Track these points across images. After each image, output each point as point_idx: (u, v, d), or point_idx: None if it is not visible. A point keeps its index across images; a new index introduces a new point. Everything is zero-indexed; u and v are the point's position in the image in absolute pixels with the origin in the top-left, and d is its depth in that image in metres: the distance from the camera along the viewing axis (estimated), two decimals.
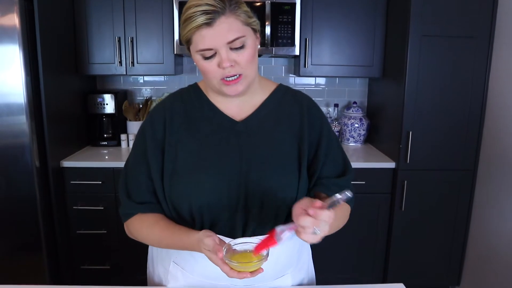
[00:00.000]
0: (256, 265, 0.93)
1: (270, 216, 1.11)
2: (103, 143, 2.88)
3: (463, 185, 2.58)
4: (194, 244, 1.00)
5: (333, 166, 1.16)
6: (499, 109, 2.38)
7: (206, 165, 1.09)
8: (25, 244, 2.42)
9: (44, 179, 2.40)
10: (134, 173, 1.13)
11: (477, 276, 2.58)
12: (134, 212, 1.13)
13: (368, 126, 2.98)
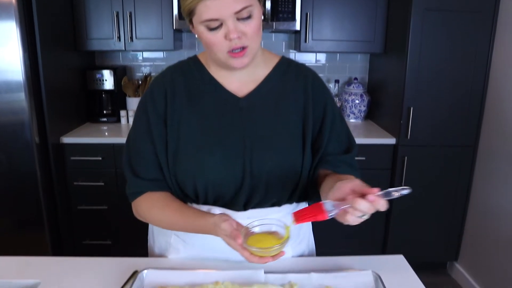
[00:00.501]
0: (278, 248, 0.91)
1: (274, 193, 1.11)
2: (102, 119, 2.87)
3: (464, 161, 2.58)
4: (210, 228, 0.99)
5: (337, 142, 1.14)
6: (501, 85, 2.36)
7: (209, 143, 1.07)
8: (27, 220, 2.45)
9: (44, 155, 2.40)
10: (139, 150, 1.11)
11: (475, 252, 2.61)
12: (144, 190, 1.10)
13: (369, 102, 2.97)
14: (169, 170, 1.09)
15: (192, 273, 1.06)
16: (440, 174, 2.58)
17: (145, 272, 1.06)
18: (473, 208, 2.64)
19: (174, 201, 1.10)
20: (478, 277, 2.58)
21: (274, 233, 0.97)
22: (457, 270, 2.76)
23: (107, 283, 1.06)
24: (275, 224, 0.97)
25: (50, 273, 1.11)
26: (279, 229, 0.96)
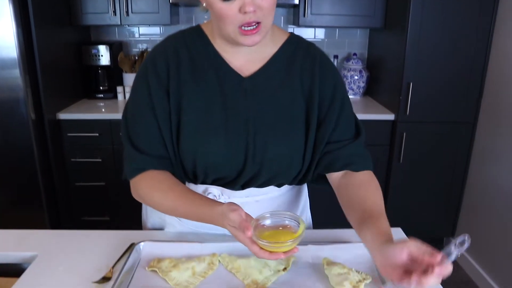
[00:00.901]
0: (290, 245, 0.85)
1: (276, 178, 1.09)
2: (99, 95, 2.84)
3: (462, 138, 2.57)
4: (216, 218, 0.91)
5: (346, 128, 1.08)
6: (502, 61, 2.34)
7: (212, 125, 1.02)
8: (25, 197, 2.45)
9: (41, 132, 2.39)
10: (140, 124, 1.03)
11: (472, 228, 2.62)
12: (147, 168, 1.02)
13: (368, 78, 2.94)
14: (173, 146, 1.03)
15: (189, 245, 1.06)
16: (438, 150, 2.58)
17: (141, 245, 1.06)
18: (470, 185, 2.64)
19: (178, 184, 1.03)
20: (474, 253, 2.60)
21: (286, 227, 0.90)
22: None
23: (104, 256, 1.06)
24: (288, 217, 0.91)
25: (47, 245, 1.11)
26: (292, 223, 0.90)
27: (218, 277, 0.97)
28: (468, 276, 2.61)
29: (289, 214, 0.92)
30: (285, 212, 0.93)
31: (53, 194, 2.54)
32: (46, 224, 2.47)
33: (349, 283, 0.91)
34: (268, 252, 0.85)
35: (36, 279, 0.98)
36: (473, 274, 2.58)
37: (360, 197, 0.99)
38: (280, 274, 0.97)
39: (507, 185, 2.27)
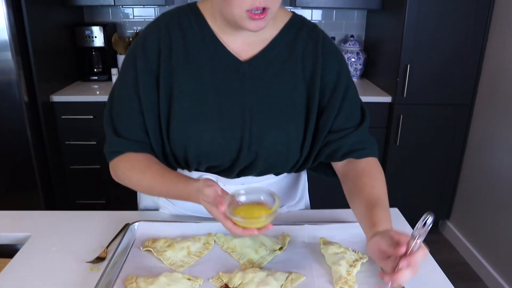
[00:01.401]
0: (264, 220, 0.83)
1: (272, 168, 1.06)
2: (93, 77, 2.81)
3: (459, 120, 2.56)
4: (192, 194, 0.90)
5: (349, 116, 1.04)
6: (500, 44, 2.31)
7: (206, 111, 0.97)
8: (20, 181, 2.43)
9: (34, 114, 2.36)
10: (124, 108, 0.99)
11: (467, 211, 2.63)
12: (123, 151, 1.00)
13: (365, 61, 2.91)
14: (160, 133, 1.00)
15: (184, 225, 1.05)
16: (435, 133, 2.57)
17: (136, 225, 1.05)
18: (467, 167, 2.64)
19: (155, 164, 0.99)
20: (469, 236, 2.62)
21: (262, 203, 0.89)
22: (449, 228, 2.80)
23: (98, 236, 1.05)
24: (264, 193, 0.89)
25: (41, 226, 1.10)
26: (268, 199, 0.88)
27: (213, 257, 0.96)
28: (463, 258, 2.63)
29: (265, 190, 0.89)
30: (260, 188, 0.90)
31: (48, 177, 2.52)
32: (41, 208, 2.46)
33: (346, 262, 0.91)
34: (241, 228, 0.83)
35: (29, 259, 0.97)
36: (468, 256, 2.59)
37: (359, 186, 0.97)
38: (276, 253, 0.96)
39: (503, 168, 2.27)
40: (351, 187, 0.99)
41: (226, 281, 0.87)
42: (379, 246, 0.77)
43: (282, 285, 0.85)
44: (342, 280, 0.87)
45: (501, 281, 2.27)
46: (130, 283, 0.86)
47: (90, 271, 0.93)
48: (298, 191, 1.22)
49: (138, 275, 0.88)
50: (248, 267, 0.91)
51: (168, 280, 0.85)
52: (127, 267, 0.92)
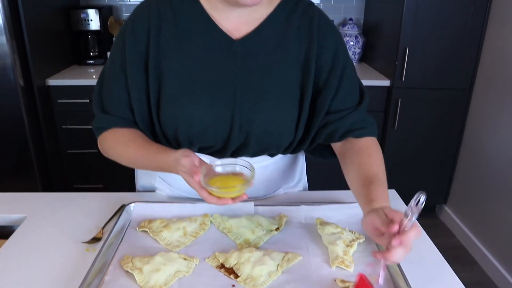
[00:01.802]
0: (238, 190, 0.84)
1: (266, 149, 1.05)
2: (89, 61, 2.78)
3: (458, 105, 2.55)
4: (171, 165, 0.90)
5: (348, 96, 1.02)
6: (499, 28, 2.29)
7: (196, 91, 0.96)
8: (17, 166, 2.42)
9: (30, 98, 2.34)
10: (111, 86, 1.01)
11: (464, 195, 2.64)
12: (108, 127, 1.01)
13: (364, 44, 2.88)
14: (150, 113, 0.99)
15: (180, 206, 1.04)
16: (433, 117, 2.56)
17: (132, 206, 1.04)
18: (464, 152, 2.64)
19: (139, 137, 1.00)
20: (465, 220, 2.63)
21: (239, 174, 0.89)
22: (446, 212, 2.81)
23: (94, 217, 1.05)
24: (239, 164, 0.89)
25: (36, 207, 1.09)
26: (245, 171, 0.89)
27: (209, 237, 0.96)
28: (459, 242, 2.64)
29: (241, 161, 0.89)
30: (237, 160, 0.91)
31: (45, 162, 2.51)
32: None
33: (342, 242, 0.90)
34: (216, 197, 0.84)
35: (24, 240, 0.97)
36: (464, 240, 2.61)
37: (357, 164, 0.96)
38: (272, 234, 0.96)
39: (501, 153, 2.26)
40: (349, 166, 0.99)
41: (222, 261, 0.87)
42: (373, 223, 0.77)
43: (278, 265, 0.85)
44: (339, 260, 0.86)
45: (497, 264, 2.29)
46: (126, 263, 0.86)
47: (86, 251, 0.92)
48: (296, 173, 1.21)
49: (134, 255, 0.88)
50: (245, 247, 0.90)
51: (164, 259, 0.84)
52: (123, 247, 0.92)
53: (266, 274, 0.83)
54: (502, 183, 2.25)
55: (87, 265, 0.84)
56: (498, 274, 2.28)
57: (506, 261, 2.24)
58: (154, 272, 0.82)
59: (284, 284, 0.82)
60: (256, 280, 0.81)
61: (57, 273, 0.86)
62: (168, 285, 0.81)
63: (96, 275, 0.82)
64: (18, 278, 0.85)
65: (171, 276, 0.82)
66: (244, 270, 0.83)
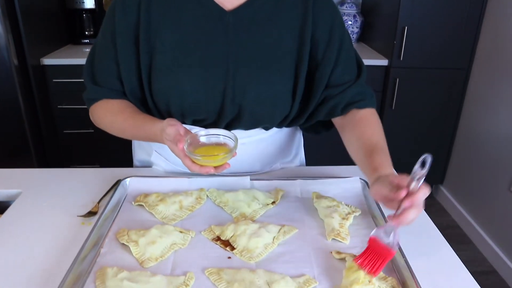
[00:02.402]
0: (221, 159, 0.85)
1: (260, 122, 1.04)
2: (84, 41, 2.74)
3: (456, 85, 2.54)
4: (157, 134, 0.91)
5: (345, 71, 1.01)
6: (498, 8, 2.27)
7: (187, 63, 0.95)
8: (13, 147, 2.40)
9: (25, 78, 2.31)
10: (101, 57, 1.01)
11: (461, 175, 2.64)
12: (99, 98, 1.03)
13: (362, 24, 2.85)
14: (141, 86, 0.99)
15: (176, 180, 1.04)
16: (431, 96, 2.55)
17: (128, 180, 1.04)
18: (461, 132, 2.64)
19: (129, 107, 1.01)
20: (461, 200, 2.64)
21: (223, 145, 0.89)
22: (442, 193, 2.82)
23: (90, 192, 1.04)
24: (223, 135, 0.90)
25: (32, 183, 1.09)
26: (229, 142, 0.89)
27: (206, 211, 0.96)
28: (455, 222, 2.66)
29: (225, 132, 0.90)
30: (221, 130, 0.91)
31: (41, 142, 2.49)
32: None
33: (338, 215, 0.90)
34: (199, 165, 0.85)
35: (20, 214, 0.96)
36: (460, 220, 2.63)
37: (357, 134, 0.97)
38: (268, 207, 0.96)
39: (498, 133, 2.26)
40: (350, 137, 0.99)
41: (218, 234, 0.87)
42: (381, 192, 0.78)
43: (274, 237, 0.85)
44: (335, 232, 0.87)
45: (491, 242, 2.31)
46: (121, 235, 0.86)
47: (82, 225, 0.92)
48: (293, 148, 1.20)
49: (130, 228, 0.88)
50: (241, 220, 0.90)
51: (160, 232, 0.84)
52: (119, 221, 0.92)
53: (262, 246, 0.83)
54: (498, 164, 2.26)
55: (83, 238, 0.83)
56: (492, 252, 2.30)
57: (500, 239, 2.26)
58: (150, 244, 0.82)
59: (280, 256, 0.82)
60: (252, 252, 0.81)
61: (53, 246, 0.86)
62: (164, 257, 0.81)
63: (91, 248, 0.82)
64: (13, 251, 0.84)
65: (167, 249, 0.82)
66: (240, 242, 0.83)
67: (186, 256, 0.82)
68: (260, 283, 0.73)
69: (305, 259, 0.81)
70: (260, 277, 0.74)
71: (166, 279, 0.75)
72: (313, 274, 0.77)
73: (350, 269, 0.75)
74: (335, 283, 0.75)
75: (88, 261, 0.79)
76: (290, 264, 0.80)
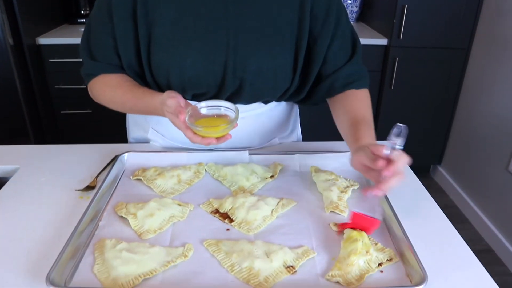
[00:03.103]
0: (223, 130, 0.85)
1: (260, 96, 1.04)
2: (80, 20, 2.71)
3: (455, 64, 2.52)
4: (158, 107, 0.90)
5: (341, 50, 1.01)
6: None
7: (187, 36, 0.94)
8: (11, 130, 2.39)
9: (21, 58, 2.29)
10: (98, 32, 0.99)
11: (459, 156, 2.65)
12: (97, 73, 1.02)
13: (361, 3, 2.82)
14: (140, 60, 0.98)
15: (174, 155, 1.04)
16: (430, 76, 2.53)
17: (126, 155, 1.03)
18: (460, 113, 2.63)
19: (128, 81, 1.01)
20: (459, 180, 2.65)
21: (224, 116, 0.89)
22: (440, 173, 2.83)
23: (88, 168, 1.04)
24: (224, 106, 0.89)
25: (30, 159, 1.09)
26: (229, 113, 0.88)
27: (204, 184, 0.96)
28: (452, 201, 2.67)
29: (226, 103, 0.89)
30: (222, 102, 0.90)
31: (39, 123, 2.48)
32: None
33: (337, 188, 0.91)
34: (200, 137, 0.84)
35: (18, 189, 0.96)
36: (457, 200, 2.64)
37: (346, 107, 0.98)
38: (267, 181, 0.96)
39: (496, 113, 2.26)
40: (338, 110, 1.01)
41: (217, 207, 0.87)
42: (361, 160, 0.80)
43: (273, 210, 0.85)
44: (333, 205, 0.87)
45: (488, 222, 2.33)
46: (120, 208, 0.86)
47: (80, 199, 0.92)
48: (290, 123, 1.20)
49: (128, 202, 0.88)
50: (239, 193, 0.90)
51: (158, 205, 0.84)
52: (117, 195, 0.92)
53: (260, 218, 0.83)
54: (496, 144, 2.26)
55: (81, 212, 0.83)
56: (488, 231, 2.32)
57: (497, 218, 2.27)
58: (148, 217, 0.82)
59: (279, 228, 0.82)
60: (250, 224, 0.82)
61: (51, 219, 0.85)
62: (163, 230, 0.81)
63: (90, 221, 0.82)
64: (12, 225, 0.84)
65: (165, 221, 0.82)
66: (238, 214, 0.83)
67: (184, 229, 0.82)
68: (258, 253, 0.73)
69: (303, 231, 0.81)
70: (258, 247, 0.74)
71: (165, 250, 0.75)
72: (311, 245, 0.77)
73: (348, 240, 0.75)
74: (333, 254, 0.76)
75: (86, 234, 0.80)
76: (289, 236, 0.80)
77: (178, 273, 0.71)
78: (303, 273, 0.72)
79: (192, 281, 0.70)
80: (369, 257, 0.73)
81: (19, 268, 0.73)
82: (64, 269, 0.71)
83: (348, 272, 0.70)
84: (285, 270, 0.71)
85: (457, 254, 0.79)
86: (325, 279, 0.70)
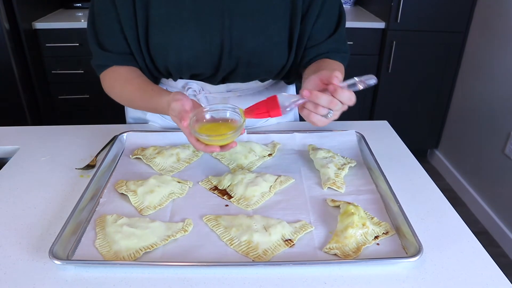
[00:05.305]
0: (228, 138, 0.81)
1: (257, 74, 1.05)
2: (77, 4, 2.69)
3: (453, 48, 2.52)
4: (164, 107, 0.88)
5: (325, 26, 1.01)
6: None
7: (183, 17, 0.95)
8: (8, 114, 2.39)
9: (17, 42, 2.28)
10: (103, 19, 0.98)
11: (456, 139, 2.66)
12: (109, 64, 1.01)
13: None
14: (138, 42, 0.98)
15: (173, 134, 1.04)
16: (428, 60, 2.54)
17: (125, 135, 1.04)
18: (457, 96, 2.64)
19: (138, 77, 0.99)
20: (455, 163, 2.67)
21: (230, 121, 0.84)
22: (437, 157, 2.85)
23: (87, 147, 1.05)
24: (230, 110, 0.84)
25: (29, 139, 1.09)
26: (236, 117, 0.84)
27: (203, 163, 0.97)
28: (449, 185, 2.69)
29: (231, 107, 0.84)
30: (227, 106, 0.85)
31: (37, 109, 2.48)
32: None
33: (334, 165, 0.92)
34: (204, 144, 0.81)
35: (18, 169, 0.97)
36: (453, 183, 2.66)
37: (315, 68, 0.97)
38: (265, 159, 0.97)
39: (493, 96, 2.27)
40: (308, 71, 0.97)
41: (216, 184, 0.88)
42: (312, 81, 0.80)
43: (271, 186, 0.86)
44: (330, 182, 0.88)
45: (484, 204, 2.35)
46: (120, 186, 0.87)
47: (80, 177, 0.93)
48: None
49: (128, 179, 0.89)
50: (238, 171, 0.91)
51: (158, 182, 0.85)
52: (117, 173, 0.93)
53: (259, 194, 0.84)
54: (493, 128, 2.27)
55: (82, 189, 0.84)
56: (484, 214, 2.34)
57: (492, 201, 2.29)
58: (148, 193, 0.83)
59: (277, 204, 0.83)
60: (249, 200, 0.83)
61: (52, 197, 0.86)
62: (162, 206, 0.82)
63: (90, 199, 0.83)
64: (14, 203, 0.85)
65: (165, 198, 0.84)
66: (237, 191, 0.85)
67: (184, 205, 0.83)
68: (257, 227, 0.74)
69: (301, 207, 0.83)
70: (257, 222, 0.76)
71: (165, 225, 0.76)
72: (309, 220, 0.79)
73: (345, 213, 0.76)
74: (330, 228, 0.77)
75: (87, 211, 0.81)
76: (287, 211, 0.81)
77: (178, 247, 0.73)
78: (301, 246, 0.73)
79: (192, 254, 0.71)
80: (365, 230, 0.74)
81: (22, 243, 0.74)
82: (67, 243, 0.72)
83: (346, 244, 0.72)
84: (283, 243, 0.72)
85: (452, 229, 0.80)
86: (323, 251, 0.72)
